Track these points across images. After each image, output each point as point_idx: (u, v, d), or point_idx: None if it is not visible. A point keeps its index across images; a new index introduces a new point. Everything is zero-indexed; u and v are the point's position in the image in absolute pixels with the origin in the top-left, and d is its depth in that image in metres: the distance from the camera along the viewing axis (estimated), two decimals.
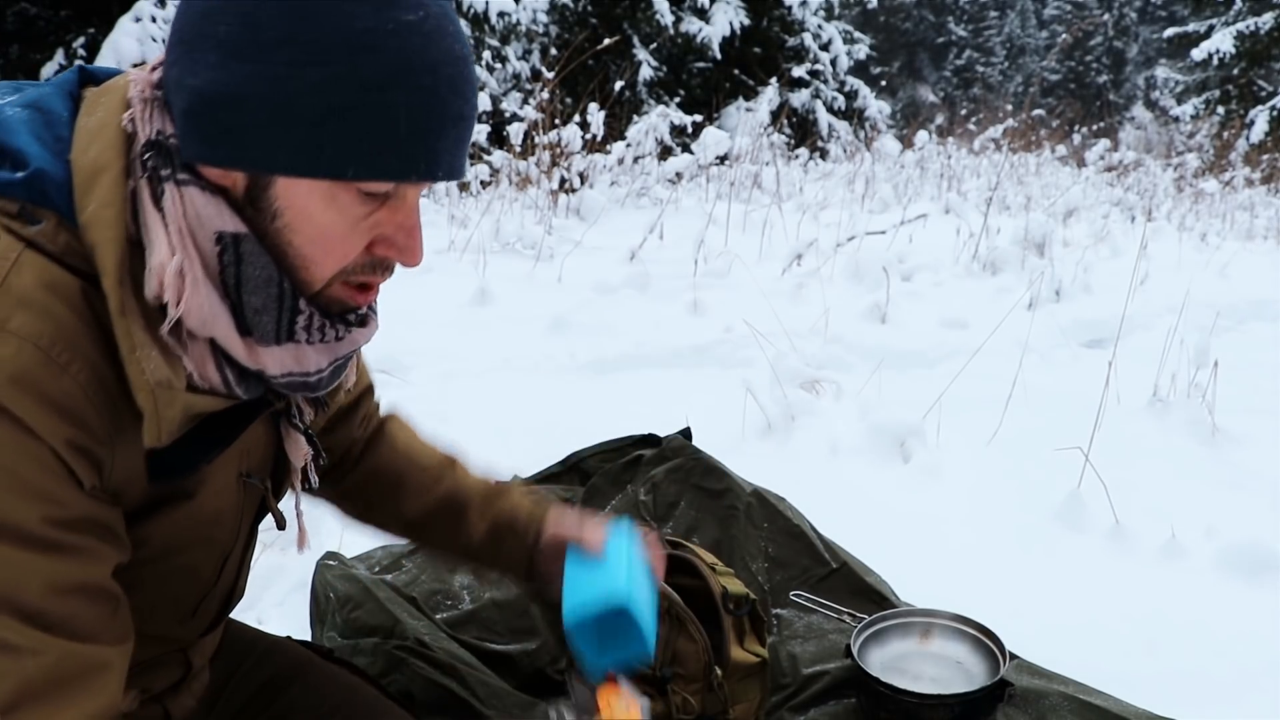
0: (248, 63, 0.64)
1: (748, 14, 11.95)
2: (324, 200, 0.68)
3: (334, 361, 0.76)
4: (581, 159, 6.37)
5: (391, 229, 0.71)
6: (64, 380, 0.63)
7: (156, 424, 0.66)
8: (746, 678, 1.30)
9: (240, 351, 0.70)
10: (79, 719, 0.65)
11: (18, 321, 0.62)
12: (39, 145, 0.67)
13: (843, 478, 2.25)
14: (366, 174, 0.67)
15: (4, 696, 0.62)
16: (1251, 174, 10.54)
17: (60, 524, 0.64)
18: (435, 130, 0.67)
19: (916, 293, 4.38)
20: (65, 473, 0.64)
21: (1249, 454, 2.44)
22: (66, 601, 0.65)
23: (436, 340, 3.27)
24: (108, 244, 0.64)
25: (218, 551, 0.85)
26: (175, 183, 0.67)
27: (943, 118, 17.04)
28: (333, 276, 0.71)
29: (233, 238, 0.68)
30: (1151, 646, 1.61)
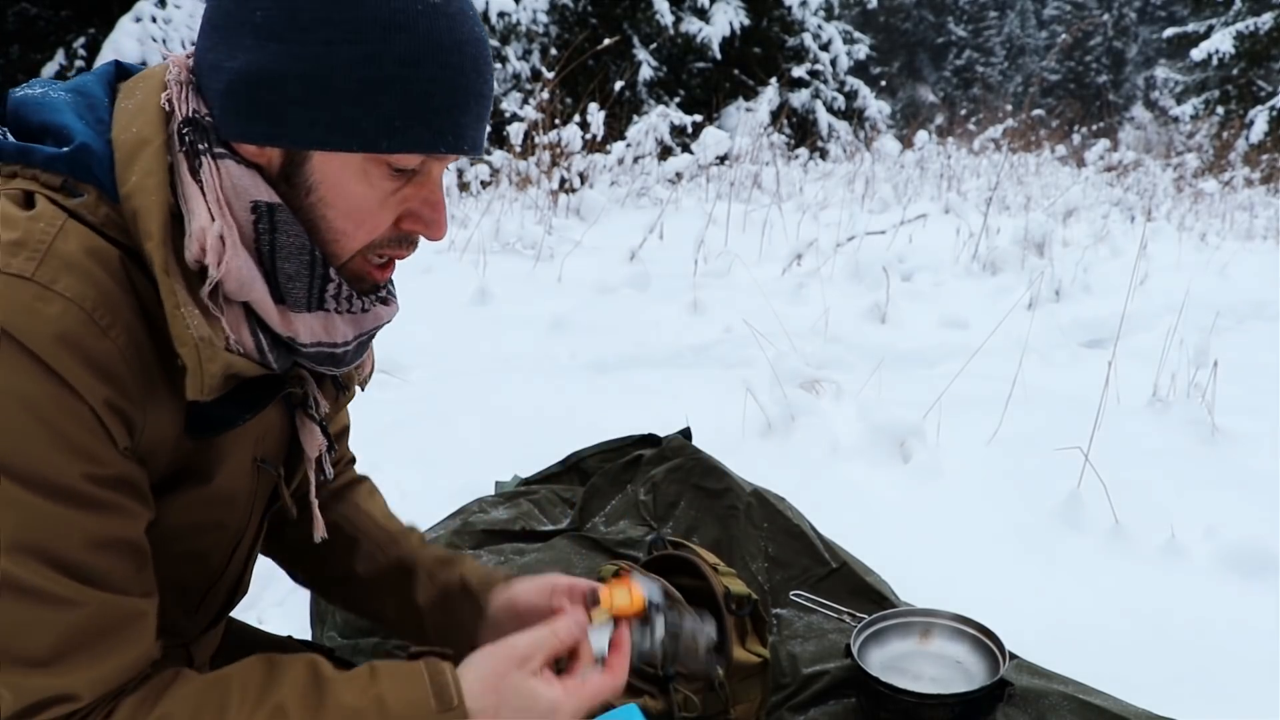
0: (285, 43, 0.67)
1: (748, 14, 11.96)
2: (357, 175, 0.72)
3: (359, 335, 0.79)
4: (581, 159, 6.37)
5: (418, 204, 0.75)
6: (104, 342, 0.67)
7: (200, 377, 0.69)
8: (748, 677, 1.30)
9: (274, 317, 0.73)
10: (119, 667, 0.69)
11: (64, 283, 0.65)
12: (82, 124, 0.71)
13: (843, 478, 2.25)
14: (399, 147, 0.70)
15: (49, 645, 0.66)
16: (1251, 174, 10.55)
17: (99, 481, 0.67)
18: (461, 105, 0.71)
19: (916, 293, 4.38)
20: (103, 432, 0.67)
21: (1249, 454, 2.44)
22: (103, 556, 0.68)
23: (436, 340, 3.27)
24: (152, 208, 0.68)
25: (228, 538, 0.87)
26: (212, 156, 0.71)
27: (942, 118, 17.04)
28: (361, 250, 0.75)
29: (268, 207, 0.71)
30: (1151, 646, 1.61)
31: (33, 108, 0.72)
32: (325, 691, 0.72)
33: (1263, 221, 7.76)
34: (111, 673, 0.68)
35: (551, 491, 2.03)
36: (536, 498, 1.99)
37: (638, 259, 4.64)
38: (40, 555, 0.65)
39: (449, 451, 2.33)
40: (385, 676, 0.74)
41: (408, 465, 2.24)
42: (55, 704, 0.66)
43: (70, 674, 0.66)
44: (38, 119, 0.72)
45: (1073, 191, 7.68)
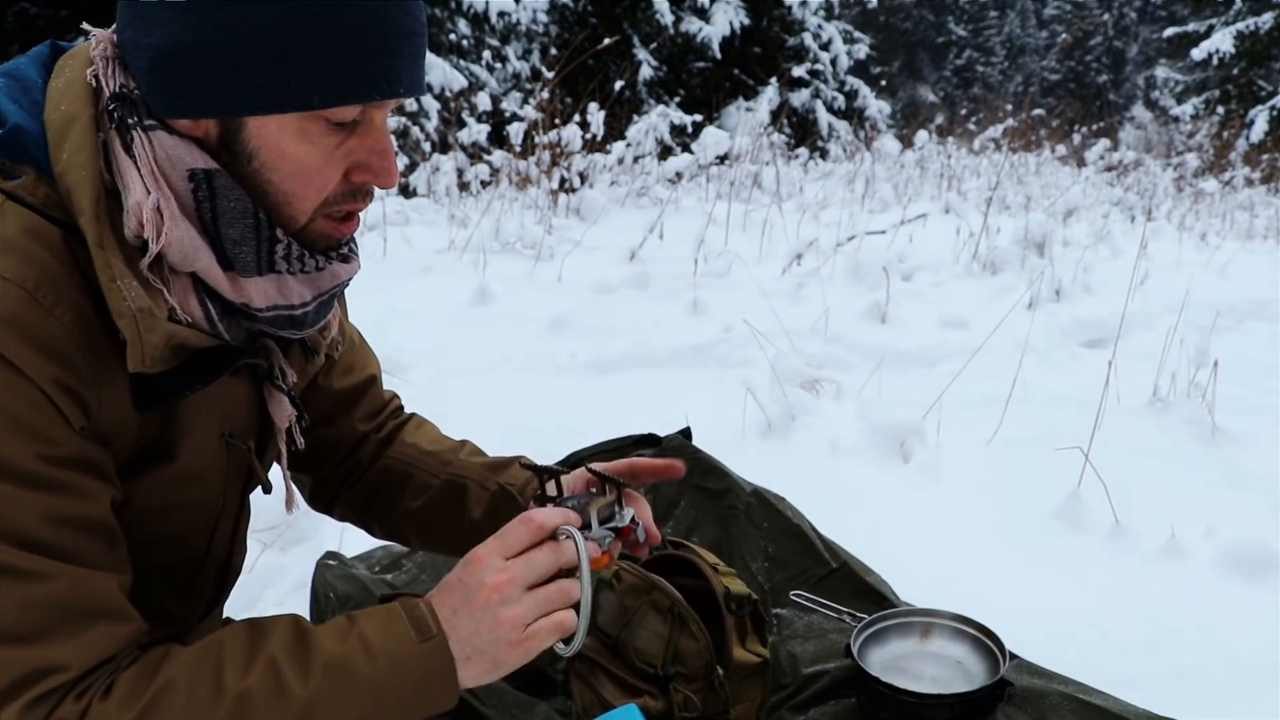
0: (200, 12, 0.66)
1: (748, 14, 11.95)
2: (296, 135, 0.70)
3: (318, 295, 0.78)
4: (581, 159, 6.37)
5: (365, 154, 0.73)
6: (49, 322, 0.66)
7: (140, 348, 0.68)
8: (748, 677, 1.30)
9: (224, 285, 0.72)
10: (105, 636, 0.69)
11: (2, 265, 0.65)
12: (15, 106, 0.71)
13: (843, 477, 2.25)
14: (332, 100, 0.69)
15: (29, 620, 0.66)
16: (1251, 174, 10.54)
17: (54, 461, 0.67)
18: (391, 49, 0.70)
19: (916, 292, 4.38)
20: (55, 411, 0.67)
21: (1249, 454, 2.44)
22: (68, 533, 0.68)
23: (436, 340, 3.27)
24: (83, 183, 0.68)
25: (204, 517, 0.86)
26: (143, 129, 0.70)
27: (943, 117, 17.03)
28: (316, 209, 0.74)
29: (205, 173, 0.70)
30: (1151, 646, 1.61)
31: None
32: (310, 642, 0.73)
33: (1263, 221, 7.76)
34: (97, 642, 0.68)
35: None
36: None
37: (638, 259, 4.64)
38: (2, 535, 0.65)
39: None
40: (364, 619, 0.75)
41: None
42: (44, 676, 0.66)
43: (54, 645, 0.66)
44: None
45: (1073, 191, 7.67)
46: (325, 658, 0.72)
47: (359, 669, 0.72)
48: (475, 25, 8.98)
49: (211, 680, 0.70)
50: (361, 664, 0.72)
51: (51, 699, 0.66)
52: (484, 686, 1.32)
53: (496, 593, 0.74)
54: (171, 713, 0.68)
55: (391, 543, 1.84)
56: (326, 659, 0.72)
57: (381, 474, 1.06)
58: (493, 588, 0.74)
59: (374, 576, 1.68)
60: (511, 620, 0.74)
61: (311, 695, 0.71)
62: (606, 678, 1.29)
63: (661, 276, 4.25)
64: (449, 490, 1.05)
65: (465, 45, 9.02)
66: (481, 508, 1.03)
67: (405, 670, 0.73)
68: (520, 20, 9.54)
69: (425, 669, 0.73)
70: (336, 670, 0.72)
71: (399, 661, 0.73)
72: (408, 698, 0.74)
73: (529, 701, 1.36)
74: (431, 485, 1.05)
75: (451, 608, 0.75)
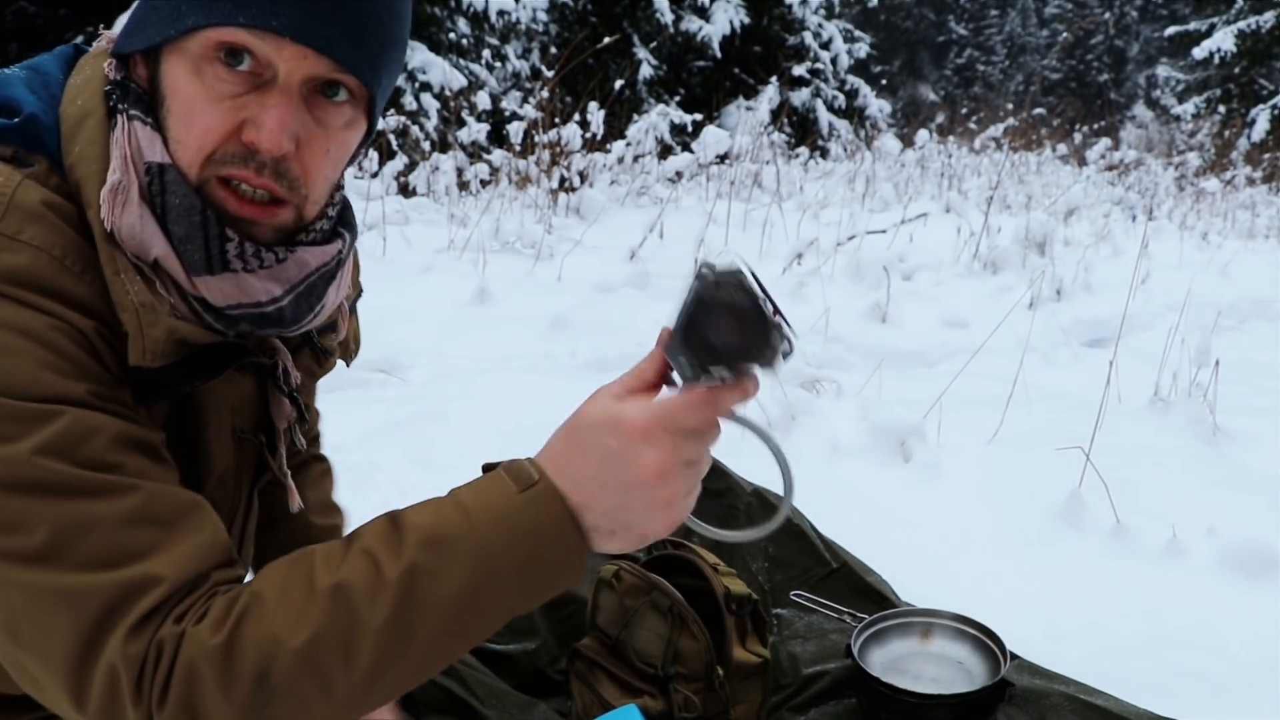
0: None
1: (748, 12, 11.94)
2: (189, 70, 0.70)
3: (291, 289, 0.75)
4: (581, 158, 6.36)
5: (258, 109, 0.69)
6: (81, 286, 0.67)
7: (141, 342, 0.69)
8: (748, 678, 1.30)
9: (181, 277, 0.72)
10: (196, 545, 0.66)
11: (30, 233, 0.66)
12: (34, 97, 0.72)
13: (843, 477, 2.24)
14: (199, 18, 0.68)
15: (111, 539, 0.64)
16: (1253, 173, 10.53)
17: (105, 397, 0.67)
18: None
19: (917, 292, 4.38)
20: (96, 355, 0.67)
21: (1250, 453, 2.44)
22: (133, 454, 0.67)
23: (436, 340, 3.27)
24: (93, 177, 0.69)
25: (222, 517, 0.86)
26: (127, 116, 0.71)
27: (943, 116, 17.02)
28: (202, 164, 0.70)
29: (159, 167, 0.71)
30: (1153, 646, 1.61)
31: None
32: (403, 521, 0.67)
33: (1264, 220, 7.75)
34: (189, 551, 0.66)
35: None
36: None
37: (638, 258, 4.64)
38: (67, 458, 0.63)
39: (448, 451, 2.32)
40: (460, 488, 0.69)
41: (407, 465, 2.24)
42: (139, 594, 0.63)
43: (145, 560, 0.64)
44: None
45: (1074, 190, 7.67)
46: (419, 533, 0.66)
47: (455, 534, 0.65)
48: (475, 24, 8.97)
49: (303, 583, 0.65)
50: (458, 528, 0.65)
51: (154, 622, 0.63)
52: (484, 686, 1.33)
53: (659, 471, 0.64)
54: (260, 624, 0.63)
55: None
56: (421, 533, 0.66)
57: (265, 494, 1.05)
58: (656, 467, 0.64)
59: None
60: (669, 498, 0.66)
61: (408, 570, 0.64)
62: (606, 678, 1.29)
63: (661, 276, 4.24)
64: None
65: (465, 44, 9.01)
66: None
67: (509, 526, 0.65)
68: (520, 19, 9.53)
69: (533, 522, 0.65)
70: (431, 541, 0.65)
71: (500, 518, 0.65)
72: (523, 560, 0.66)
73: (529, 701, 1.36)
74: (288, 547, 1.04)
75: (597, 479, 0.65)
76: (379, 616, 0.64)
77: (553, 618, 1.50)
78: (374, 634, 0.64)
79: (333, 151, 0.74)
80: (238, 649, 0.63)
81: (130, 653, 0.62)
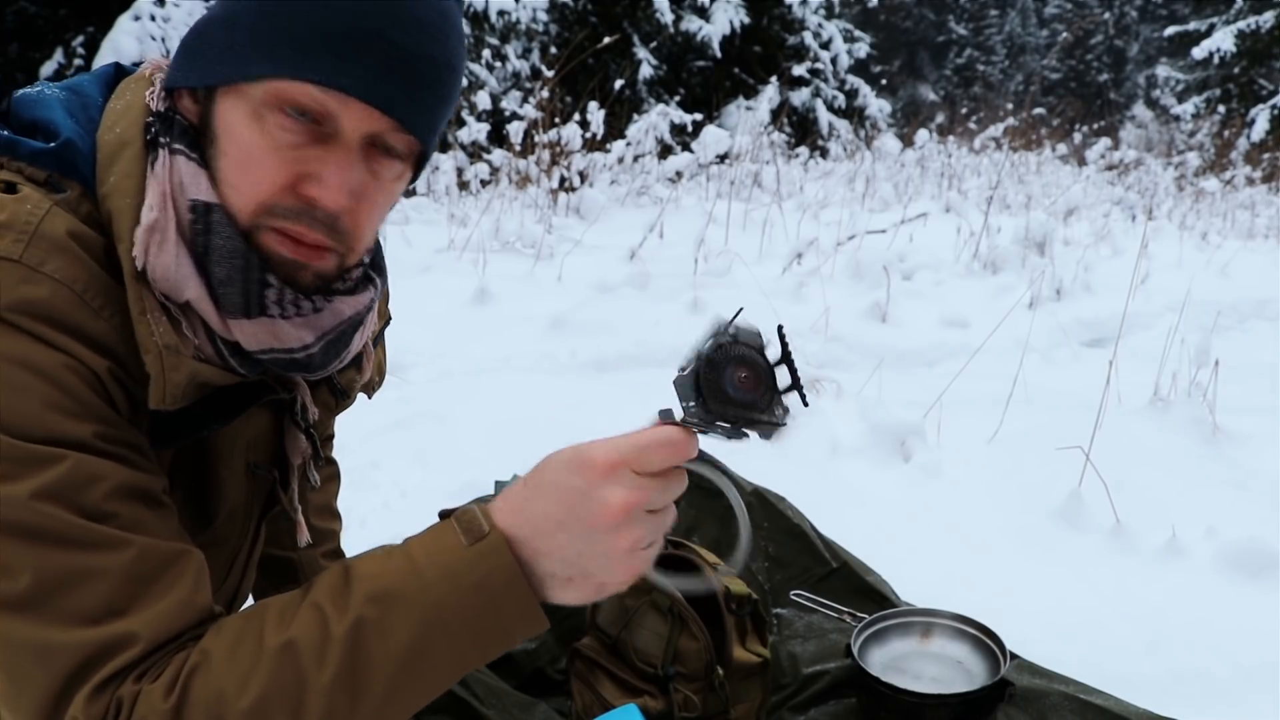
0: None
1: (748, 12, 11.94)
2: (249, 116, 0.68)
3: (322, 336, 0.74)
4: (581, 158, 6.36)
5: (317, 164, 0.69)
6: (99, 323, 0.66)
7: (162, 386, 0.68)
8: (748, 677, 1.30)
9: (215, 320, 0.70)
10: (176, 604, 0.66)
11: (53, 265, 0.65)
12: (72, 121, 0.71)
13: (843, 477, 2.24)
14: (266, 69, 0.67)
15: (101, 594, 0.63)
16: (1252, 173, 10.54)
17: (110, 439, 0.66)
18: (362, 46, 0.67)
19: (917, 292, 4.38)
20: (107, 396, 0.66)
21: (1250, 453, 2.44)
22: (132, 505, 0.66)
23: (436, 340, 3.27)
24: (126, 210, 0.68)
25: (228, 551, 0.86)
26: (169, 150, 0.70)
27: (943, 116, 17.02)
28: (256, 212, 0.69)
29: (204, 206, 0.69)
30: (1152, 646, 1.61)
31: (27, 105, 0.73)
32: (352, 574, 0.66)
33: (1264, 220, 7.76)
34: (168, 611, 0.65)
35: None
36: None
37: (638, 258, 4.64)
38: (68, 505, 0.63)
39: (449, 451, 2.32)
40: (414, 538, 0.68)
41: (408, 465, 2.24)
42: (113, 652, 0.63)
43: (125, 619, 0.64)
44: (30, 115, 0.72)
45: (1074, 190, 7.67)
46: (367, 586, 0.64)
47: (403, 589, 0.64)
48: (475, 24, 8.97)
49: (254, 640, 0.65)
50: (406, 583, 0.64)
51: (118, 680, 0.63)
52: (484, 686, 1.33)
53: (623, 511, 0.62)
54: (209, 684, 0.63)
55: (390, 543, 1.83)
56: (368, 586, 0.64)
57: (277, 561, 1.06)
58: (621, 506, 0.62)
59: None
60: (631, 545, 0.63)
61: (354, 625, 0.63)
62: (606, 678, 1.29)
63: (661, 276, 4.25)
64: None
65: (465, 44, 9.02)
66: None
67: (457, 582, 0.64)
68: (520, 19, 9.53)
69: (482, 576, 0.64)
70: (379, 596, 0.64)
71: (448, 572, 0.64)
72: (473, 615, 0.64)
73: (529, 701, 1.36)
74: None
75: (557, 519, 0.63)
76: (327, 674, 0.63)
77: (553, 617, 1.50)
78: (323, 692, 0.63)
79: (382, 203, 0.74)
80: (186, 711, 0.63)
81: (93, 711, 0.62)
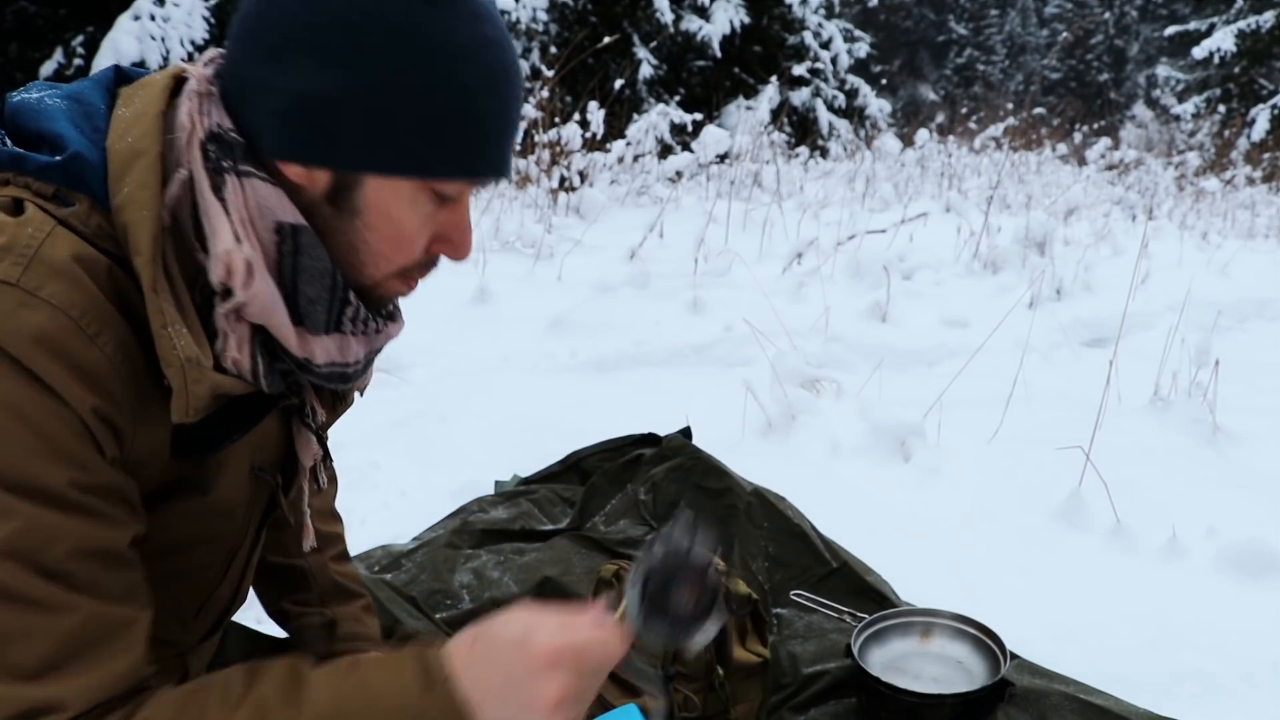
0: (349, 68, 0.67)
1: (748, 12, 11.93)
2: (408, 200, 0.72)
3: (370, 353, 0.79)
4: (581, 157, 6.36)
5: (449, 228, 0.75)
6: (93, 351, 0.65)
7: (185, 399, 0.68)
8: (748, 677, 1.30)
9: (292, 340, 0.72)
10: (111, 675, 0.66)
11: (50, 290, 0.64)
12: (77, 132, 0.70)
13: (843, 477, 2.24)
14: (455, 173, 0.72)
15: (38, 654, 0.64)
16: (1253, 172, 10.54)
17: (86, 488, 0.65)
18: (508, 135, 0.74)
19: (917, 291, 4.38)
20: (90, 440, 0.66)
21: (1250, 453, 2.44)
22: (90, 564, 0.66)
23: (436, 340, 3.27)
24: (143, 223, 0.67)
25: (225, 549, 0.86)
26: (237, 174, 0.69)
27: (943, 116, 17.01)
28: (393, 273, 0.75)
29: (291, 228, 0.70)
30: (1153, 646, 1.61)
31: (29, 115, 0.71)
32: (305, 684, 0.69)
33: (1264, 220, 7.76)
34: (101, 682, 0.66)
35: (551, 491, 2.02)
36: (536, 497, 1.99)
37: (638, 258, 4.64)
38: (26, 562, 0.63)
39: (448, 451, 2.32)
40: (368, 664, 0.70)
41: (407, 465, 2.24)
42: (41, 715, 0.64)
43: (59, 683, 0.64)
44: (34, 126, 0.71)
45: (1074, 190, 7.67)
46: (318, 707, 0.67)
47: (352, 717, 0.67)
48: None
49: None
50: (357, 712, 0.67)
51: None
52: None
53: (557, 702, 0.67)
54: None
55: (390, 544, 1.84)
56: (319, 709, 0.67)
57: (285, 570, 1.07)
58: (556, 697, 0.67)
59: (373, 576, 1.68)
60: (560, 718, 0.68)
61: None
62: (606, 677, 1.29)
63: (661, 275, 4.25)
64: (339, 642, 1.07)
65: None
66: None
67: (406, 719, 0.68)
68: (520, 19, 9.53)
69: None
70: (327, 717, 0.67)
71: (399, 711, 0.68)
72: None
73: None
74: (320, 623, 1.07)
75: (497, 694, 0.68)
76: None
77: None
78: None
79: None
80: None
81: None
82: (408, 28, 0.67)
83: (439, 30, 0.68)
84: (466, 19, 0.69)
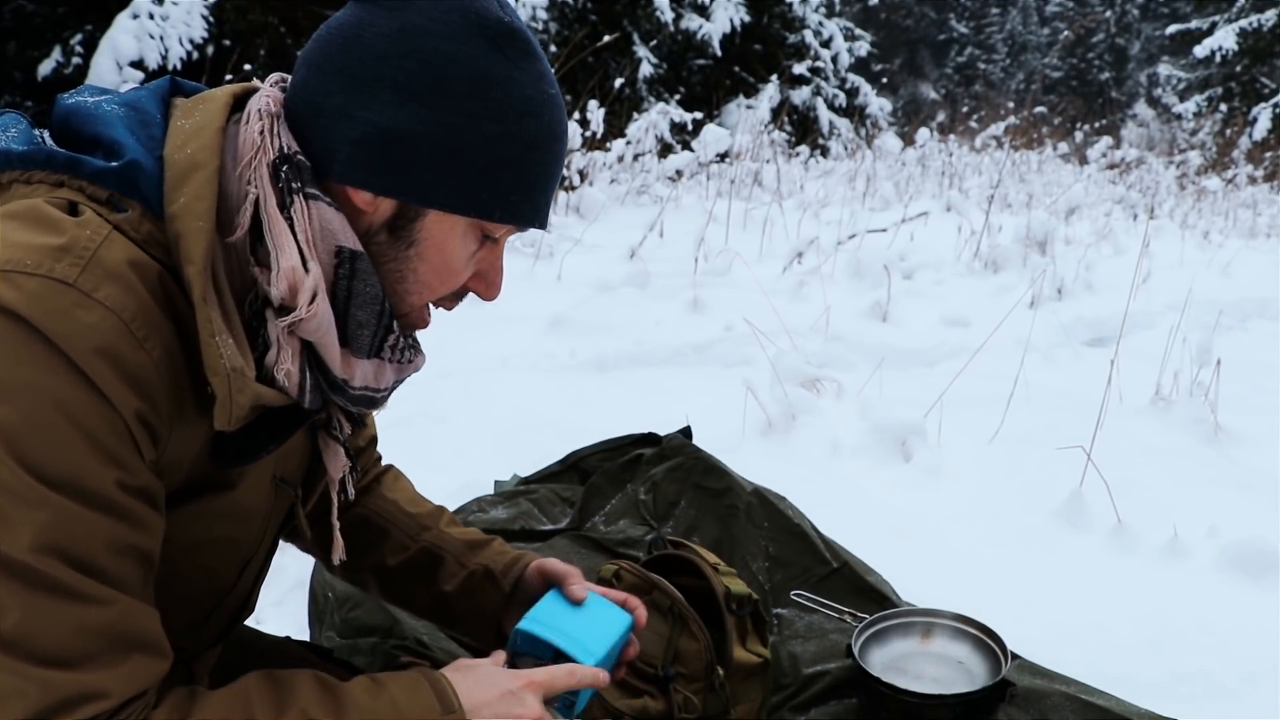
0: (429, 108, 0.72)
1: (748, 11, 11.92)
2: (461, 236, 0.78)
3: (398, 380, 0.83)
4: (581, 156, 6.36)
5: (486, 267, 0.82)
6: (140, 355, 0.67)
7: (228, 408, 0.70)
8: (748, 678, 1.30)
9: (336, 360, 0.76)
10: (145, 666, 0.69)
11: (105, 292, 0.66)
12: (134, 140, 0.72)
13: (843, 477, 2.24)
14: (507, 218, 0.77)
15: (79, 643, 0.66)
16: (1254, 171, 10.53)
17: (127, 489, 0.68)
18: (553, 187, 0.80)
19: (918, 291, 4.37)
20: (132, 442, 0.68)
21: (1251, 453, 2.44)
22: (122, 562, 0.68)
23: (435, 339, 3.25)
24: (197, 233, 0.69)
25: (239, 554, 0.87)
26: (304, 196, 0.72)
27: (944, 115, 17.00)
28: (429, 301, 0.81)
29: (350, 254, 0.74)
30: (1154, 646, 1.61)
31: (85, 118, 0.72)
32: (341, 696, 0.76)
33: (1266, 219, 7.76)
34: (138, 672, 0.68)
35: (551, 491, 2.02)
36: (536, 497, 1.98)
37: (638, 257, 4.63)
38: (65, 556, 0.65)
39: (448, 451, 2.32)
40: (389, 682, 0.78)
41: (407, 465, 2.21)
42: (86, 701, 0.65)
43: (99, 671, 0.66)
44: (90, 130, 0.72)
45: (1075, 189, 7.66)
46: (360, 715, 0.75)
47: None
48: None
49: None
50: None
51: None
52: None
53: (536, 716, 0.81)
54: None
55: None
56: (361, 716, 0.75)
57: (358, 522, 1.08)
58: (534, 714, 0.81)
59: None
60: None
61: None
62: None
63: (661, 275, 4.24)
64: (425, 557, 1.07)
65: None
66: (456, 582, 1.05)
67: None
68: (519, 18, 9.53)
69: None
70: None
71: None
72: None
73: None
74: (408, 548, 1.07)
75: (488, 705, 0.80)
76: None
77: None
78: None
79: None
80: None
81: None
82: (487, 78, 0.73)
83: (513, 84, 0.74)
84: (534, 77, 0.75)
